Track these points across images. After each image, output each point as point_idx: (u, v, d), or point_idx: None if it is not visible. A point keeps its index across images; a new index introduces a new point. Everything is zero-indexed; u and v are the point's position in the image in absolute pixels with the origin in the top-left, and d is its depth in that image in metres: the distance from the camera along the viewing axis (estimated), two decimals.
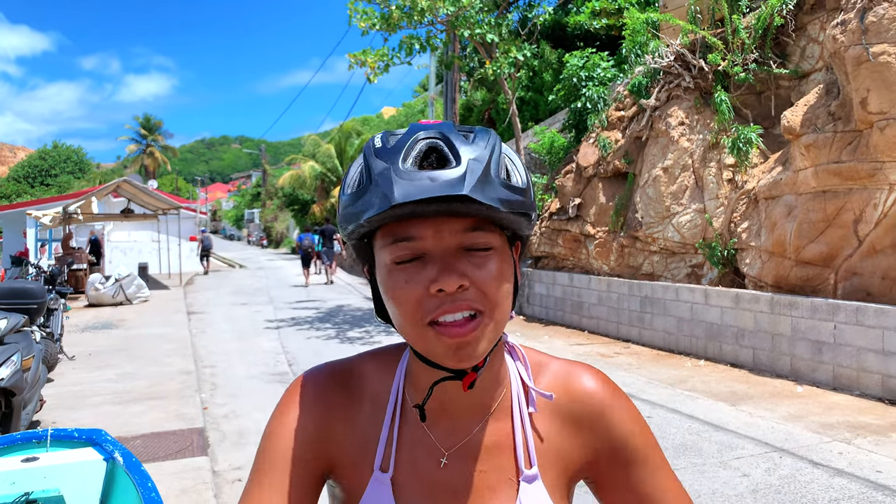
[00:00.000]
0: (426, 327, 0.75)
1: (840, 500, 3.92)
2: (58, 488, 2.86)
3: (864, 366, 6.22)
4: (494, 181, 0.73)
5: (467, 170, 0.71)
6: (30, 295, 6.12)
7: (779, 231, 7.18)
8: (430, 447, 0.85)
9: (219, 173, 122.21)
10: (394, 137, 0.77)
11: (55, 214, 16.98)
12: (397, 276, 0.76)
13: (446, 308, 0.74)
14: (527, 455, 0.85)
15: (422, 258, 0.75)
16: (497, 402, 0.86)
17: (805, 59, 8.00)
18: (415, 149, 0.74)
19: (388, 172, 0.72)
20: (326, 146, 33.59)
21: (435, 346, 0.75)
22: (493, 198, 0.72)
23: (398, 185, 0.70)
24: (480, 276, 0.75)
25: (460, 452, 0.84)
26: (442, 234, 0.75)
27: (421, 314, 0.75)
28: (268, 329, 11.18)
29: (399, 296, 0.76)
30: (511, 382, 0.87)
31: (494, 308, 0.76)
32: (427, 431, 0.85)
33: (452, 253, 0.75)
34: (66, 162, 43.57)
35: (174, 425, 5.67)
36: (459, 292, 0.74)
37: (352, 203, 0.76)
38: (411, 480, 0.84)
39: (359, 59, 11.32)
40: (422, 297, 0.75)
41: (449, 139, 0.74)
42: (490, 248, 0.76)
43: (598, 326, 10.03)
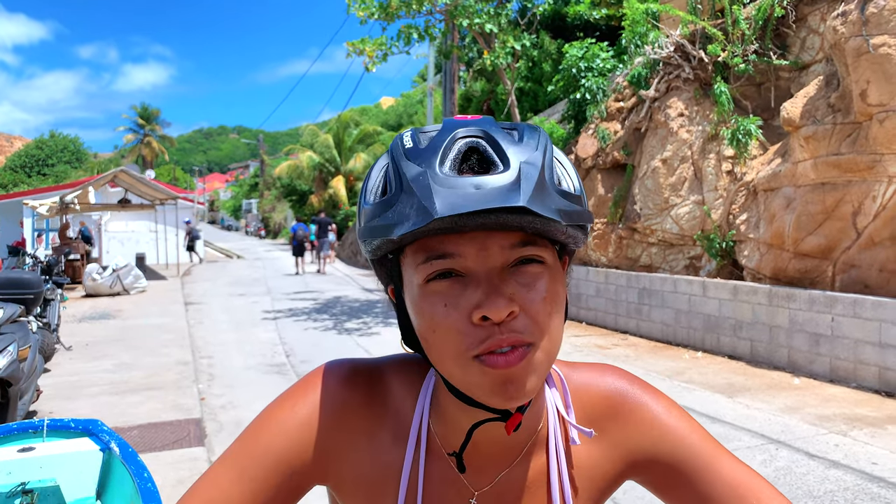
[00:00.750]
0: (471, 361, 0.64)
1: (835, 492, 3.93)
2: (54, 478, 2.86)
3: (861, 358, 6.23)
4: (551, 189, 0.63)
5: (521, 175, 0.61)
6: (26, 285, 6.10)
7: (777, 223, 7.17)
8: (458, 486, 0.75)
9: (217, 163, 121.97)
10: (426, 135, 0.66)
11: (52, 204, 16.93)
12: (433, 299, 0.65)
13: (494, 342, 0.63)
14: (562, 495, 0.76)
15: (462, 277, 0.64)
16: (532, 438, 0.76)
17: (805, 50, 7.97)
18: (453, 149, 0.63)
19: (425, 178, 0.61)
20: (324, 136, 33.52)
21: (479, 382, 0.64)
22: (552, 209, 0.61)
23: (439, 194, 0.59)
24: (530, 298, 0.64)
25: (491, 493, 0.75)
26: (488, 250, 0.64)
27: (465, 346, 0.63)
28: (265, 320, 11.18)
29: (437, 324, 0.64)
30: (548, 415, 0.77)
31: (544, 337, 0.65)
32: (456, 470, 0.75)
33: (498, 272, 0.64)
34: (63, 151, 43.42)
35: (171, 416, 5.67)
36: (508, 320, 0.63)
37: (379, 214, 0.65)
38: None
39: (357, 47, 11.27)
40: (464, 327, 0.63)
41: (493, 137, 0.64)
42: (542, 262, 0.66)
43: (597, 318, 10.03)
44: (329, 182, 32.20)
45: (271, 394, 6.43)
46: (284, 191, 38.11)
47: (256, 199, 56.58)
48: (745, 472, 0.75)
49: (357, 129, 33.54)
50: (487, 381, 0.64)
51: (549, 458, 0.76)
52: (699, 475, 0.75)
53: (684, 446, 0.77)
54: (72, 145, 44.45)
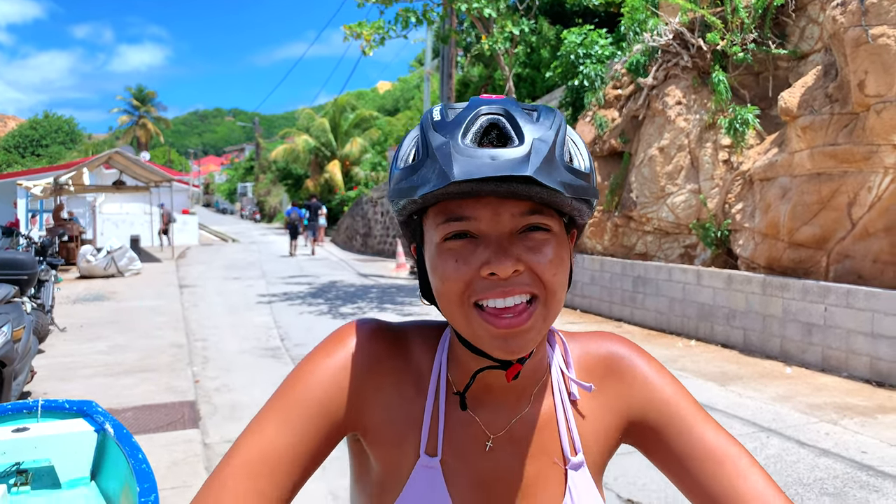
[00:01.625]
0: (471, 308, 0.73)
1: (825, 480, 3.97)
2: (48, 458, 2.86)
3: (853, 348, 6.27)
4: (559, 164, 0.70)
5: (532, 150, 0.68)
6: (20, 265, 6.08)
7: (773, 213, 7.19)
8: (475, 430, 0.82)
9: (212, 146, 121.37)
10: (453, 111, 0.74)
11: (46, 185, 16.85)
12: (447, 256, 0.73)
13: (498, 292, 0.71)
14: (570, 441, 0.83)
15: (475, 239, 0.73)
16: (538, 387, 0.84)
17: (804, 39, 7.95)
18: (476, 123, 0.71)
19: (447, 147, 0.69)
20: (320, 120, 33.34)
21: (482, 333, 0.73)
22: (557, 181, 0.69)
23: (458, 161, 0.67)
24: (536, 260, 0.72)
25: (506, 437, 0.82)
26: (500, 215, 0.72)
27: (468, 294, 0.72)
28: (260, 303, 11.18)
29: (448, 276, 0.73)
30: (551, 368, 0.86)
31: (549, 295, 0.73)
32: (472, 414, 0.82)
33: (507, 236, 0.72)
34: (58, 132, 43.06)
35: (165, 398, 5.68)
36: (514, 277, 0.71)
37: (406, 177, 0.73)
38: (459, 465, 0.81)
39: (354, 31, 11.20)
40: (472, 279, 0.72)
41: (512, 116, 0.71)
42: (548, 230, 0.74)
43: (591, 305, 10.06)
44: (325, 166, 32.07)
45: (266, 377, 6.46)
46: (280, 174, 37.96)
47: (252, 182, 56.36)
48: (726, 439, 0.81)
49: (353, 114, 33.38)
50: (489, 334, 0.72)
51: (556, 405, 0.84)
52: (682, 437, 0.81)
53: (671, 408, 0.83)
54: (66, 126, 44.11)
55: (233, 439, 4.98)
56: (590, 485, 0.83)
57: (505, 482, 0.81)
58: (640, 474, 4.01)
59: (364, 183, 26.36)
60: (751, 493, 0.76)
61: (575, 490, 0.81)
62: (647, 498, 3.74)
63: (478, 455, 0.81)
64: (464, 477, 0.81)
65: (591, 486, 0.83)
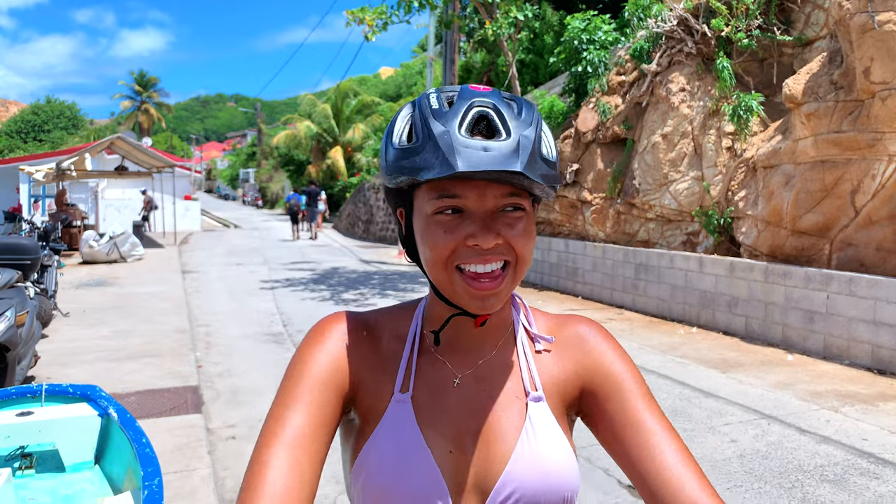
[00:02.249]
0: (454, 271, 0.85)
1: (825, 467, 3.98)
2: (53, 442, 2.88)
3: (855, 336, 6.27)
4: (538, 157, 0.82)
5: (520, 146, 0.79)
6: (23, 250, 6.09)
7: (776, 200, 7.17)
8: (445, 371, 0.94)
9: (214, 132, 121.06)
10: (445, 95, 0.85)
11: (48, 170, 16.83)
12: (436, 227, 0.85)
13: (479, 259, 0.84)
14: (531, 379, 0.94)
15: (461, 213, 0.84)
16: (504, 338, 0.97)
17: (809, 26, 7.89)
18: (469, 115, 0.81)
19: (448, 137, 0.79)
20: (323, 106, 33.21)
21: (461, 292, 0.85)
22: (538, 174, 0.81)
23: (460, 154, 0.78)
24: (512, 234, 0.85)
25: (472, 375, 0.94)
26: (485, 196, 0.84)
27: (452, 259, 0.85)
28: (262, 289, 11.20)
29: (437, 244, 0.85)
30: (515, 324, 0.98)
31: (519, 262, 0.87)
32: (443, 359, 0.95)
33: (490, 213, 0.84)
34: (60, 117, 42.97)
35: (168, 383, 5.70)
36: (494, 248, 0.84)
37: (405, 157, 0.82)
38: (429, 399, 0.92)
39: (357, 16, 11.14)
40: (457, 248, 0.84)
41: (499, 110, 0.82)
42: (523, 209, 0.86)
43: (593, 292, 10.06)
44: (327, 152, 31.99)
45: (268, 363, 6.48)
46: (282, 160, 37.86)
47: (254, 168, 56.27)
48: (659, 419, 0.90)
49: (356, 100, 33.23)
50: (468, 295, 0.85)
51: (519, 355, 0.96)
52: (621, 409, 0.91)
53: (617, 383, 0.93)
54: (68, 111, 44.01)
55: (235, 424, 5.02)
56: (549, 417, 0.92)
57: (470, 413, 0.92)
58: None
59: (366, 169, 26.28)
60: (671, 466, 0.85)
61: (535, 417, 0.91)
62: None
63: (446, 391, 0.93)
64: (433, 410, 0.92)
65: (551, 418, 0.92)
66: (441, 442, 0.90)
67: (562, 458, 0.90)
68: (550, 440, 0.90)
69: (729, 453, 4.19)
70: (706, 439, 4.43)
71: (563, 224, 11.07)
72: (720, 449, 4.27)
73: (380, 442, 0.89)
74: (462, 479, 0.89)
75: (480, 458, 0.90)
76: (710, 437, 4.48)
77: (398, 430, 0.89)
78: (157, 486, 2.30)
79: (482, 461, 0.89)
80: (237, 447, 4.42)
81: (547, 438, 0.90)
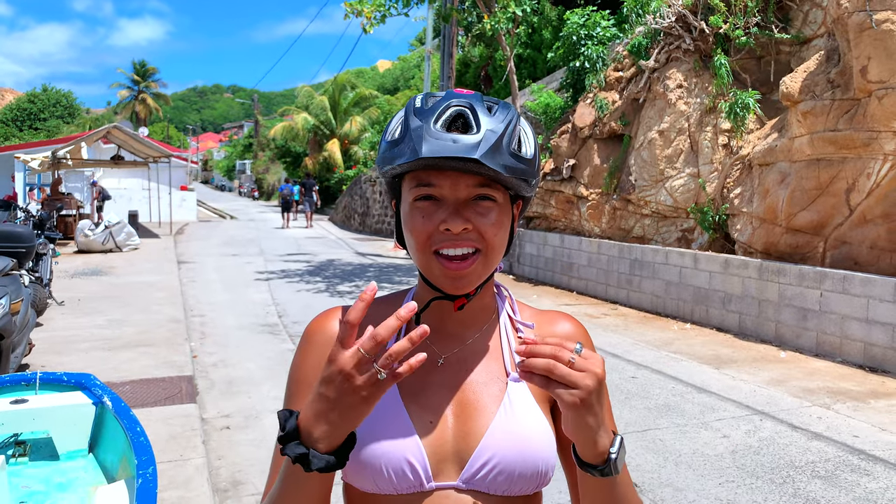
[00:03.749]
0: (432, 255, 0.94)
1: (817, 463, 4.01)
2: (47, 430, 2.88)
3: (847, 333, 6.30)
4: (504, 150, 0.90)
5: (483, 138, 0.88)
6: (18, 238, 6.08)
7: (771, 198, 7.19)
8: (430, 351, 1.00)
9: (210, 122, 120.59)
10: (432, 100, 0.94)
11: (44, 159, 16.77)
12: (416, 213, 0.94)
13: (451, 243, 0.92)
14: (513, 362, 1.00)
15: (438, 201, 0.93)
16: (487, 324, 1.04)
17: (807, 24, 7.90)
18: (446, 113, 0.91)
19: (421, 130, 0.89)
20: (320, 98, 33.09)
21: (437, 273, 0.94)
22: (499, 164, 0.89)
23: (427, 142, 0.88)
24: (482, 222, 0.93)
25: (456, 357, 1.01)
26: (457, 185, 0.92)
27: (430, 244, 0.93)
28: (258, 280, 11.19)
29: (415, 228, 0.94)
30: (499, 312, 1.06)
31: (489, 249, 0.94)
32: (429, 341, 1.00)
33: (462, 202, 0.93)
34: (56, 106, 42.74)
35: (163, 372, 5.71)
36: (463, 233, 0.92)
37: (389, 149, 0.93)
38: (413, 379, 0.95)
39: (355, 8, 11.10)
40: (433, 232, 0.93)
41: (475, 109, 0.91)
42: (494, 200, 0.94)
43: (587, 288, 10.09)
44: (324, 145, 31.89)
45: (263, 353, 6.49)
46: (279, 152, 37.75)
47: (250, 159, 56.07)
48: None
49: (353, 93, 33.12)
50: (443, 275, 0.94)
51: (502, 339, 1.03)
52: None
53: None
54: (64, 100, 43.78)
55: (230, 414, 5.02)
56: (527, 396, 0.98)
57: (452, 389, 0.98)
58: (636, 455, 4.05)
59: (363, 162, 26.24)
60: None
61: (514, 395, 0.97)
62: (641, 478, 3.79)
63: (431, 370, 0.99)
64: (416, 386, 0.97)
65: (530, 397, 0.98)
66: (422, 413, 0.96)
67: (538, 432, 0.95)
68: (527, 416, 0.96)
69: (721, 449, 4.22)
70: (699, 434, 4.46)
71: (558, 219, 11.09)
72: (712, 444, 4.30)
73: None
74: (441, 448, 0.95)
75: (459, 429, 0.96)
76: (702, 432, 4.51)
77: (381, 402, 0.93)
78: (150, 474, 2.31)
79: (461, 432, 0.95)
80: (231, 437, 4.43)
81: (524, 414, 0.96)
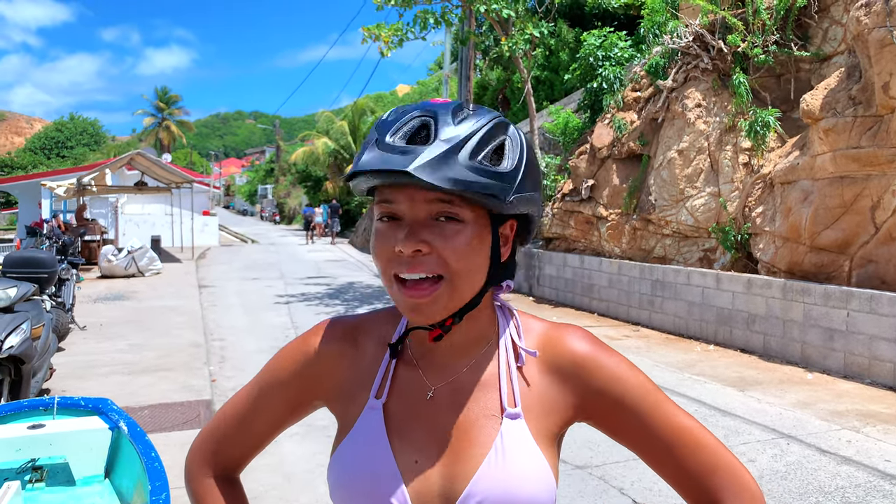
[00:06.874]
0: (392, 279, 0.85)
1: (846, 488, 3.89)
2: (63, 455, 2.88)
3: (876, 354, 6.15)
4: (458, 161, 0.79)
5: (429, 149, 0.79)
6: (40, 264, 6.15)
7: (794, 216, 7.08)
8: (420, 382, 0.93)
9: (233, 148, 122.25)
10: (401, 112, 0.85)
11: (69, 186, 17.07)
12: (377, 234, 0.86)
13: (406, 268, 0.83)
14: (511, 395, 0.90)
15: (398, 221, 0.84)
16: (482, 351, 0.94)
17: (827, 41, 7.84)
18: (407, 125, 0.82)
19: (370, 142, 0.82)
20: (340, 123, 33.45)
21: (399, 300, 0.86)
22: (443, 177, 0.78)
23: (368, 154, 0.81)
24: (443, 245, 0.82)
25: (447, 389, 0.92)
26: (414, 202, 0.83)
27: (390, 268, 0.85)
28: (278, 304, 11.23)
29: (375, 249, 0.87)
30: (499, 337, 0.95)
31: (455, 276, 0.83)
32: (419, 370, 0.94)
33: (422, 220, 0.83)
34: (83, 134, 43.72)
35: (182, 397, 5.72)
36: (418, 255, 0.82)
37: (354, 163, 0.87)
38: (401, 408, 0.92)
39: (373, 32, 11.24)
40: (390, 256, 0.84)
41: (437, 118, 0.82)
42: (460, 220, 0.83)
43: (608, 309, 9.98)
44: (344, 169, 32.20)
45: None
46: (300, 177, 38.13)
47: (272, 184, 56.64)
48: (687, 418, 0.92)
49: (372, 117, 33.44)
50: (403, 302, 0.85)
51: (500, 369, 0.92)
52: (644, 416, 0.90)
53: (632, 391, 0.91)
54: (91, 128, 44.77)
55: None
56: (524, 435, 0.88)
57: (440, 426, 0.90)
58: (657, 479, 3.96)
59: None
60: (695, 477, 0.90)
61: (507, 435, 0.88)
62: (662, 503, 3.70)
63: (419, 402, 0.92)
64: (404, 419, 0.91)
65: (527, 435, 0.88)
66: (408, 451, 0.89)
67: (532, 475, 0.87)
68: (522, 457, 0.87)
69: None
70: None
71: (578, 240, 11.02)
72: None
73: (349, 446, 0.92)
74: (426, 491, 0.88)
75: (446, 470, 0.88)
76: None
77: (367, 436, 0.91)
78: (164, 500, 2.29)
79: (448, 474, 0.88)
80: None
81: (518, 455, 0.87)
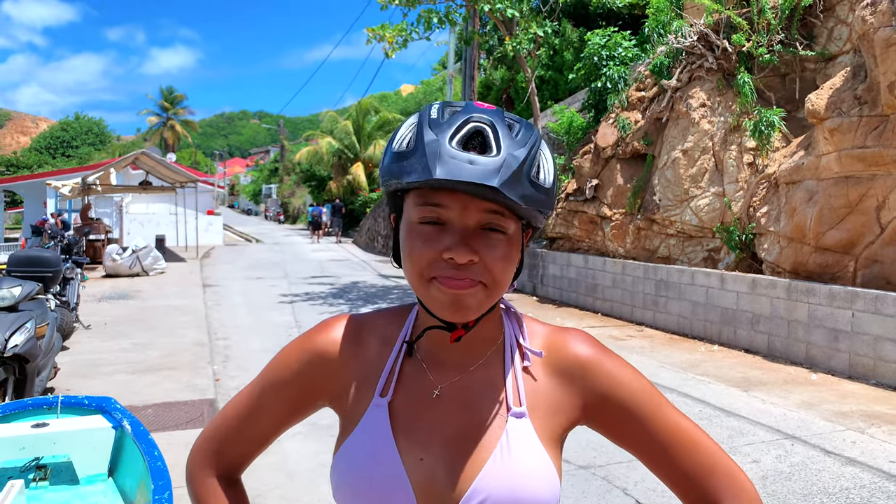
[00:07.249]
0: (429, 282, 0.85)
1: (851, 490, 3.88)
2: (67, 454, 2.88)
3: (882, 355, 6.13)
4: (524, 179, 0.81)
5: (504, 164, 0.79)
6: (44, 263, 6.17)
7: (799, 216, 7.06)
8: (426, 381, 0.93)
9: (237, 148, 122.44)
10: (450, 110, 0.84)
11: (74, 185, 17.12)
12: (417, 235, 0.85)
13: (451, 274, 0.83)
14: (517, 395, 0.92)
15: (442, 226, 0.84)
16: (490, 352, 0.94)
17: (832, 40, 7.81)
18: (464, 129, 0.81)
19: (436, 146, 0.80)
20: (344, 123, 33.47)
21: (437, 297, 0.85)
22: (518, 194, 0.80)
23: (442, 162, 0.78)
24: (490, 255, 0.83)
25: (453, 388, 0.92)
26: (468, 210, 0.83)
27: (429, 271, 0.84)
28: (282, 303, 11.24)
29: (415, 253, 0.85)
30: (505, 339, 0.96)
31: (495, 284, 0.85)
32: (426, 368, 0.94)
33: (471, 229, 0.83)
34: (87, 134, 43.85)
35: (185, 396, 5.72)
36: (467, 265, 0.82)
37: (397, 161, 0.84)
38: (406, 408, 0.92)
39: (377, 33, 11.24)
40: (434, 259, 0.83)
41: (496, 128, 0.82)
42: (505, 232, 0.84)
43: (612, 309, 9.97)
44: (348, 168, 32.22)
45: None
46: (304, 176, 38.21)
47: (276, 184, 56.73)
48: (685, 421, 0.95)
49: (377, 117, 33.47)
50: (441, 296, 0.84)
51: (506, 369, 0.93)
52: (644, 419, 0.92)
53: (633, 395, 0.93)
54: (96, 128, 44.90)
55: None
56: (529, 433, 0.89)
57: (446, 424, 0.90)
58: (659, 480, 3.94)
59: None
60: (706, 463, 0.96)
61: (512, 434, 0.89)
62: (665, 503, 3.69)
63: (425, 401, 0.92)
64: (410, 417, 0.91)
65: (532, 435, 0.90)
66: (413, 449, 0.89)
67: (538, 473, 0.88)
68: (527, 456, 0.88)
69: (751, 475, 4.10)
70: None
71: (582, 239, 11.01)
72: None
73: (354, 443, 0.92)
74: (431, 489, 0.88)
75: (451, 469, 0.88)
76: (732, 457, 4.39)
77: (372, 434, 0.91)
78: (167, 499, 2.29)
79: (453, 472, 0.88)
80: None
81: (523, 454, 0.88)
